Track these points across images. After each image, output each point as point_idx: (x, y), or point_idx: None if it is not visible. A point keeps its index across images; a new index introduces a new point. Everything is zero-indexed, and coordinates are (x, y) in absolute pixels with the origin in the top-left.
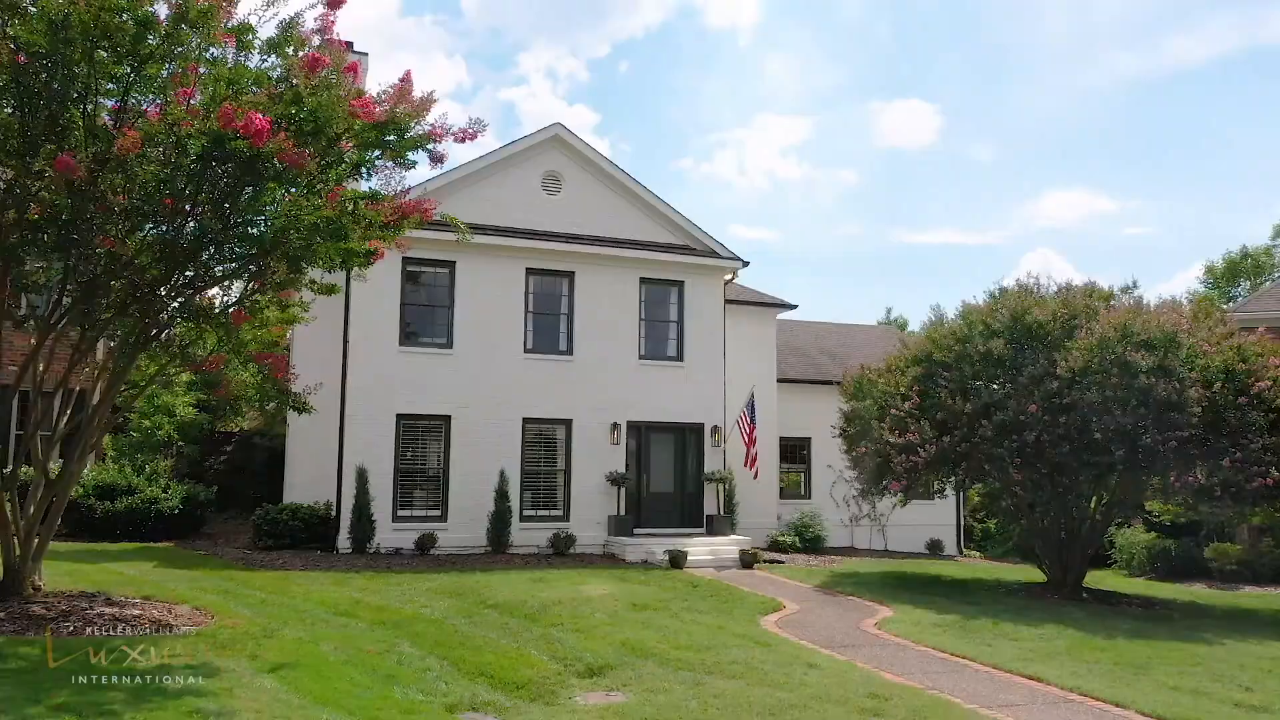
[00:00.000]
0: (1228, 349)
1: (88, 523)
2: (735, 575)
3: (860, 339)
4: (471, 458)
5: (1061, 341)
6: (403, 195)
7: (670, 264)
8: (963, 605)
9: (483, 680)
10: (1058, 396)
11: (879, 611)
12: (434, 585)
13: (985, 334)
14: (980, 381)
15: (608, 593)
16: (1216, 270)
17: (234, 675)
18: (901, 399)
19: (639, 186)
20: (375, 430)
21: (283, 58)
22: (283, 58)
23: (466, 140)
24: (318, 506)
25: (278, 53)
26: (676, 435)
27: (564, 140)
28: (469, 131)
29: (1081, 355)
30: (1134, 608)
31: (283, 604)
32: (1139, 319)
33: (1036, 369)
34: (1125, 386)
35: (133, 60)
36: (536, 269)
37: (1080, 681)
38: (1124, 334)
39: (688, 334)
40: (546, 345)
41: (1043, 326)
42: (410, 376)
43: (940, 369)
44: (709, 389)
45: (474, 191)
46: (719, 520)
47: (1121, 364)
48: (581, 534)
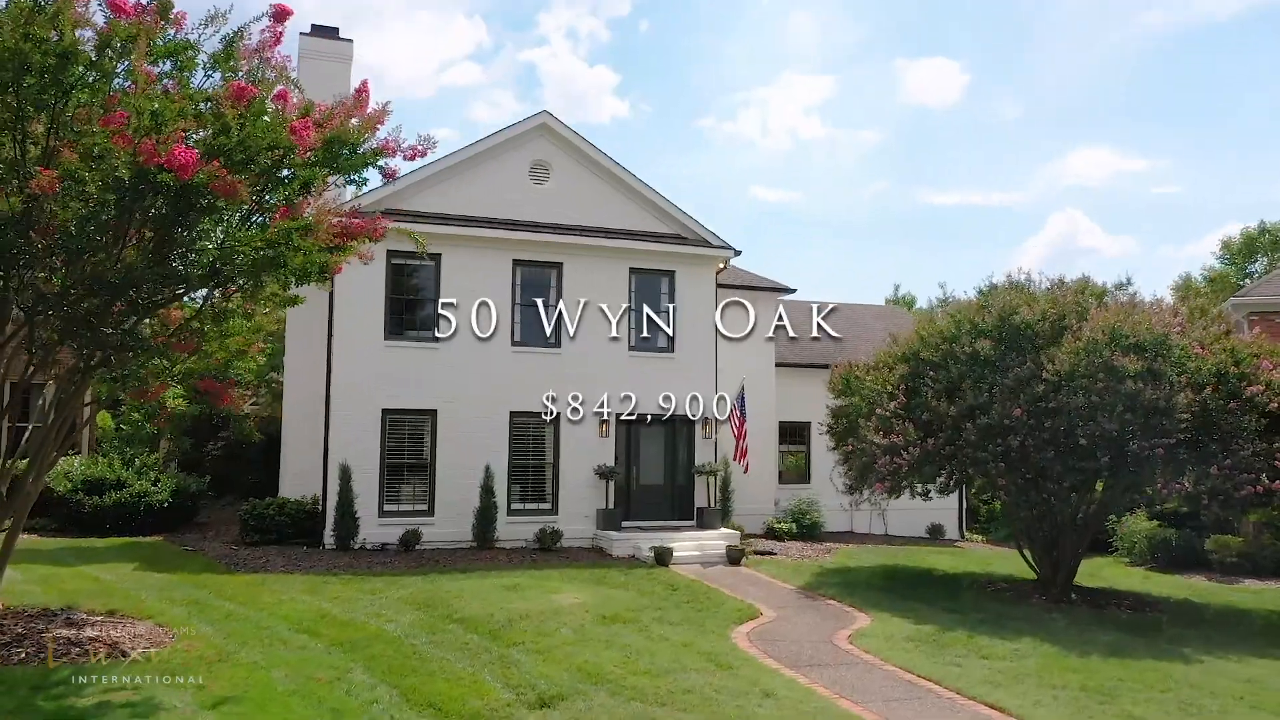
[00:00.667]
0: (1221, 351)
1: (76, 518)
2: (719, 574)
3: (865, 319)
4: (458, 452)
5: (1050, 342)
6: (351, 216)
7: (661, 254)
8: (943, 612)
9: (430, 712)
10: (1043, 400)
11: (856, 620)
12: (406, 594)
13: (973, 333)
14: (967, 383)
15: (579, 602)
16: (1233, 245)
17: (174, 714)
18: (888, 397)
19: (628, 175)
20: (361, 425)
21: (226, 75)
22: (226, 75)
23: (416, 157)
24: (305, 501)
25: (221, 68)
26: (667, 427)
27: (551, 128)
28: (418, 149)
29: (1068, 358)
30: (1123, 610)
31: (248, 618)
32: (1130, 319)
33: (1023, 371)
34: (1112, 391)
35: (56, 91)
36: (524, 260)
37: (1040, 713)
38: (1112, 336)
39: (679, 325)
40: (534, 337)
41: (1030, 327)
42: (396, 371)
43: (928, 368)
44: (700, 380)
45: (460, 181)
46: (709, 513)
47: (1108, 368)
48: (570, 527)
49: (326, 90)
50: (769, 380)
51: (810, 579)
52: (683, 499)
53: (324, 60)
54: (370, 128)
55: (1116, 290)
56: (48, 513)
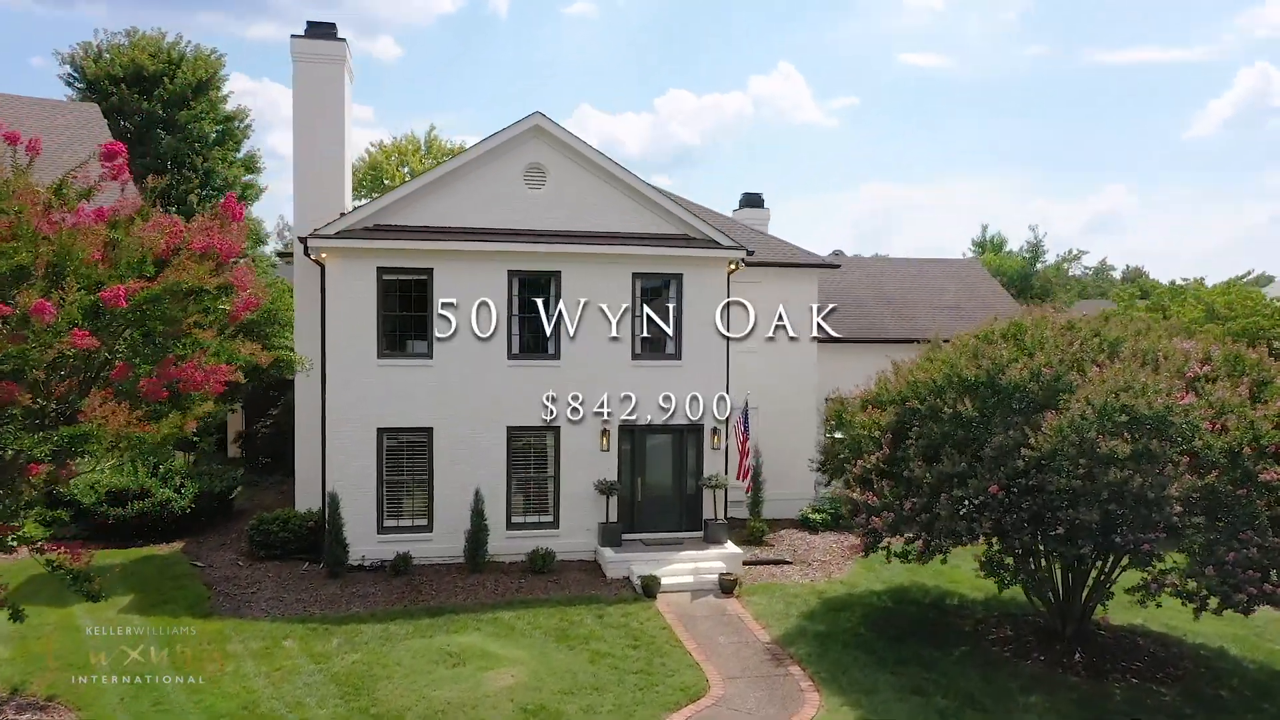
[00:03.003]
0: (1239, 426)
1: (101, 529)
2: (702, 612)
3: (932, 279)
4: (455, 469)
5: (1045, 404)
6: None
7: (665, 257)
8: (910, 694)
9: None
10: (1024, 476)
11: (804, 705)
12: (346, 666)
13: (959, 388)
14: (947, 447)
15: (510, 685)
16: None
17: None
18: (874, 444)
19: (629, 175)
20: (357, 444)
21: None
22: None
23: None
24: (311, 514)
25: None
26: (674, 436)
27: (545, 130)
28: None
29: (1049, 437)
30: (1140, 664)
31: (175, 709)
32: (1139, 379)
33: (1006, 441)
34: (1094, 478)
35: None
36: (520, 270)
37: None
38: (1101, 412)
39: (686, 330)
40: (533, 349)
41: (1020, 387)
42: (390, 389)
43: (914, 418)
44: (709, 388)
45: (452, 190)
46: (715, 527)
47: (1091, 454)
48: (573, 541)
49: (318, 97)
50: (809, 359)
51: (795, 623)
52: (692, 508)
53: (317, 63)
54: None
55: (1170, 303)
56: (78, 521)
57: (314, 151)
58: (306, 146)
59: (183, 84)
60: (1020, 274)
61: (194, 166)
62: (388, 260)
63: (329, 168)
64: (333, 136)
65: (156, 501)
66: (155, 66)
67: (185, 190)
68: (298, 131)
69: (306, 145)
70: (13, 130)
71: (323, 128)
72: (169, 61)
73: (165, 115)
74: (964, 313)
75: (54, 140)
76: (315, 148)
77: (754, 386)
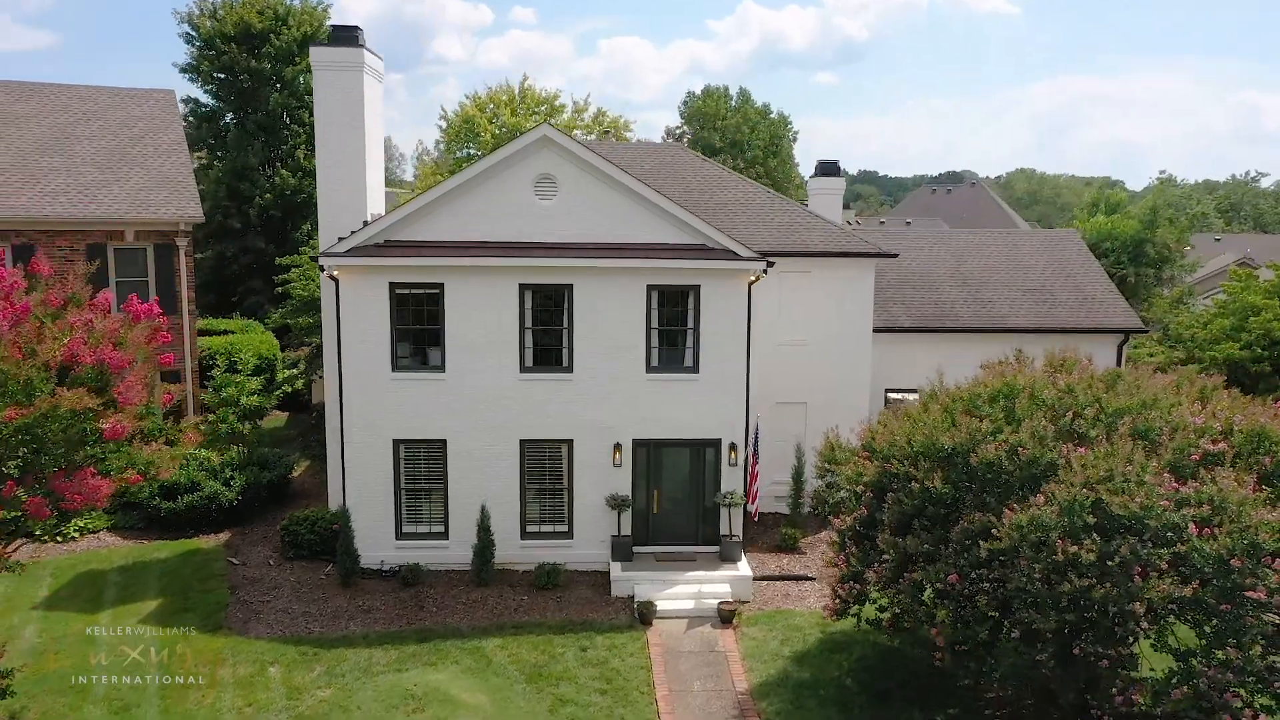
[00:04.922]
0: (1228, 535)
1: (154, 520)
2: (691, 646)
3: (1021, 254)
4: (469, 480)
5: (1022, 485)
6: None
7: (682, 269)
8: None
9: None
10: (985, 567)
11: None
12: (313, 705)
13: (935, 457)
14: (916, 523)
15: None
16: None
17: None
18: (855, 500)
19: (640, 185)
20: (373, 455)
21: None
22: None
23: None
24: (335, 516)
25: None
26: (692, 450)
27: (553, 140)
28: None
29: (1009, 534)
30: None
31: None
32: (1122, 468)
33: (972, 526)
34: (1051, 584)
35: None
36: (531, 284)
37: None
38: (1068, 511)
39: (704, 343)
40: (545, 362)
41: (992, 467)
42: (404, 402)
43: (893, 481)
44: (727, 401)
45: (460, 206)
46: (730, 544)
47: (1049, 561)
48: (587, 551)
49: (342, 105)
50: (863, 352)
51: (781, 666)
52: (709, 521)
53: (338, 71)
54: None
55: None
56: (134, 510)
57: (336, 163)
58: (328, 159)
59: (289, 39)
60: (1135, 240)
61: (302, 121)
62: (399, 275)
63: (348, 179)
64: (353, 149)
65: (204, 495)
66: (262, 24)
67: (293, 146)
68: (320, 144)
69: (328, 157)
70: None
71: (345, 138)
72: (275, 18)
73: (273, 72)
74: (1049, 296)
75: (130, 132)
76: (339, 159)
77: (801, 380)
